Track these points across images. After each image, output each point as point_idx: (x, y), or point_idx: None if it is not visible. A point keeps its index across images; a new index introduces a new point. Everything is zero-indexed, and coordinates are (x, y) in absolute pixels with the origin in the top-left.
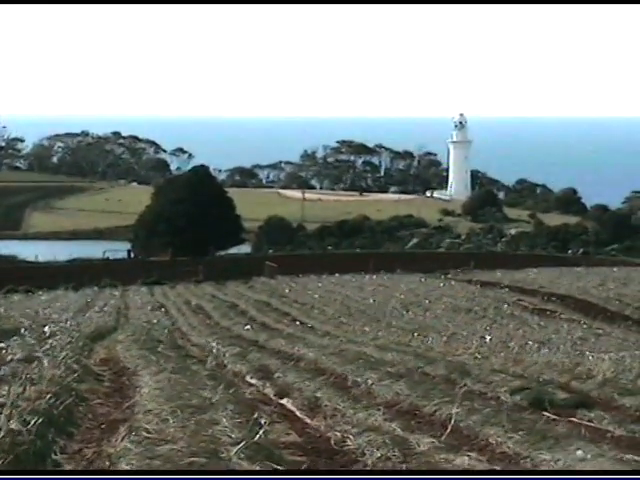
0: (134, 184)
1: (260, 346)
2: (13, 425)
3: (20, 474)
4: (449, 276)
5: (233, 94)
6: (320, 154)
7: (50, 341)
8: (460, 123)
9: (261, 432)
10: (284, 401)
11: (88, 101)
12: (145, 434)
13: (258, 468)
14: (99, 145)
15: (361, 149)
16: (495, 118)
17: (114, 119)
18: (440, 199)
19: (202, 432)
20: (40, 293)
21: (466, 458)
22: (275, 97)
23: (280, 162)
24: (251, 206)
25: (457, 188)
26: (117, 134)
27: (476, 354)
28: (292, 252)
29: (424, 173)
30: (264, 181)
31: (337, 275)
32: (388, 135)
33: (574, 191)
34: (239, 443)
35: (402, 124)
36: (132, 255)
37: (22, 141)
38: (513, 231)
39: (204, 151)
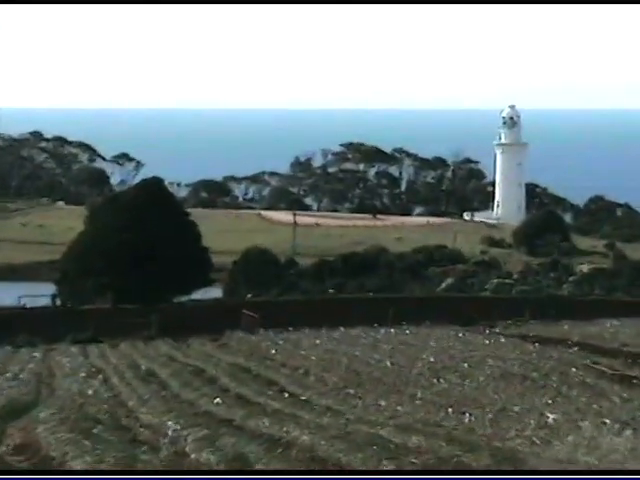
0: (61, 204)
1: (235, 427)
2: None
3: (21, 474)
4: (496, 330)
5: (198, 79)
6: (318, 162)
7: None
8: (511, 119)
9: None
10: None
11: None
12: None
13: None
14: (12, 150)
15: (375, 155)
16: (553, 111)
17: (34, 112)
18: (484, 224)
19: None
20: None
21: None
22: (256, 83)
23: (263, 173)
24: (223, 234)
25: (507, 209)
26: (37, 135)
27: (534, 438)
28: (280, 297)
29: (462, 188)
30: (241, 199)
31: (342, 329)
32: (412, 135)
33: None
34: None
35: (431, 119)
36: (58, 302)
37: None
38: (585, 268)
39: (158, 158)
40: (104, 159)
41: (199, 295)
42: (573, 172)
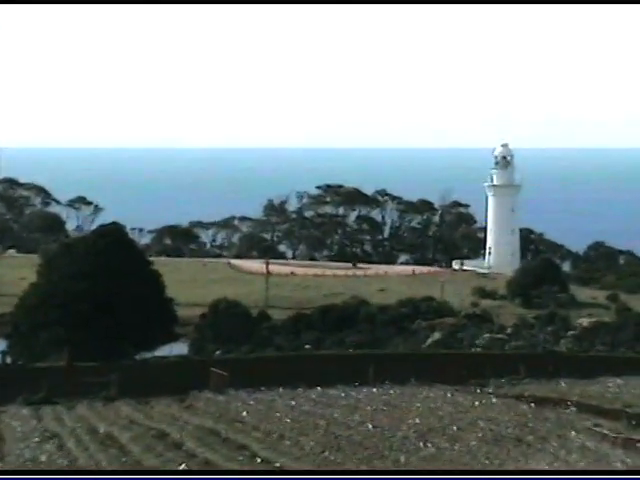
0: (12, 251)
1: None
2: None
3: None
4: (488, 390)
5: (163, 116)
6: (293, 205)
7: None
8: (504, 158)
9: None
10: None
11: None
12: None
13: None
14: None
15: (355, 197)
16: (544, 150)
17: None
18: (475, 273)
19: None
20: None
21: None
22: (223, 120)
23: (233, 218)
24: (189, 284)
25: (500, 256)
26: None
27: None
28: (251, 353)
29: (450, 234)
30: (209, 246)
31: (319, 389)
32: (395, 176)
33: None
34: None
35: (415, 159)
36: (9, 359)
37: None
38: (585, 321)
39: (117, 201)
40: (59, 203)
41: (163, 351)
42: (569, 215)
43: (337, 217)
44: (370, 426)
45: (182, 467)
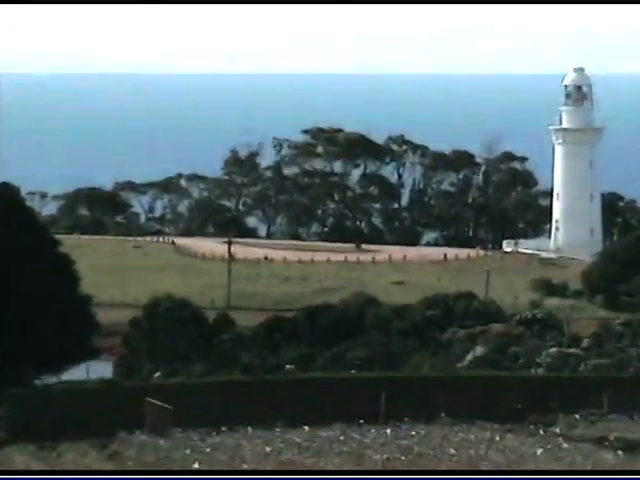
0: None
1: None
2: None
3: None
4: (556, 430)
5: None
6: (267, 158)
7: None
8: (578, 89)
9: None
10: None
11: None
12: None
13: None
14: None
15: (359, 146)
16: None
17: None
18: (536, 258)
19: None
20: None
21: None
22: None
23: (179, 176)
24: (114, 275)
25: (573, 234)
26: None
27: None
28: (206, 377)
29: (499, 201)
30: (143, 219)
31: (306, 428)
32: (418, 115)
33: None
34: None
35: (447, 90)
36: None
37: None
38: None
39: (8, 149)
40: None
41: (76, 374)
42: None
43: (333, 176)
44: None
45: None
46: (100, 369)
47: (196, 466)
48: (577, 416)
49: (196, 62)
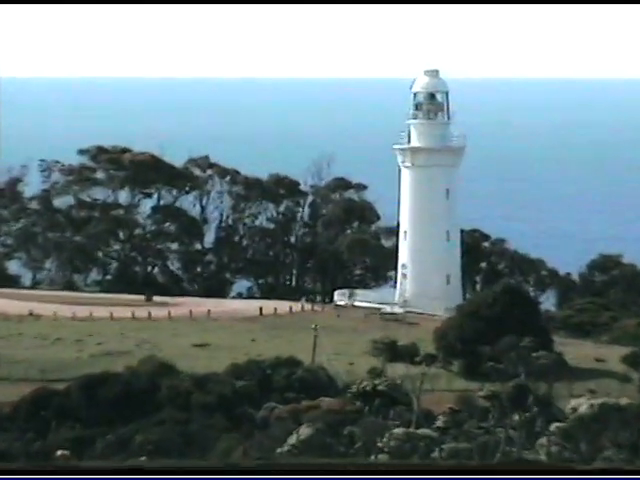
0: None
1: None
2: None
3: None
4: None
5: None
6: (32, 188)
7: None
8: (431, 98)
9: None
10: None
11: None
12: None
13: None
14: None
15: (151, 169)
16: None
17: None
18: (378, 311)
19: None
20: None
21: None
22: None
23: None
24: None
25: (424, 283)
26: None
27: None
28: None
29: (330, 240)
30: None
31: None
32: (231, 131)
33: None
34: None
35: (269, 97)
36: None
37: None
38: (583, 404)
39: None
40: None
41: None
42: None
43: (117, 208)
44: None
45: None
46: None
47: None
48: None
49: None
